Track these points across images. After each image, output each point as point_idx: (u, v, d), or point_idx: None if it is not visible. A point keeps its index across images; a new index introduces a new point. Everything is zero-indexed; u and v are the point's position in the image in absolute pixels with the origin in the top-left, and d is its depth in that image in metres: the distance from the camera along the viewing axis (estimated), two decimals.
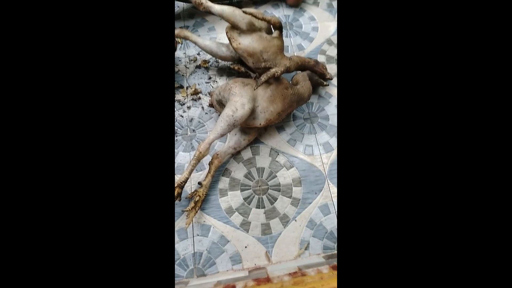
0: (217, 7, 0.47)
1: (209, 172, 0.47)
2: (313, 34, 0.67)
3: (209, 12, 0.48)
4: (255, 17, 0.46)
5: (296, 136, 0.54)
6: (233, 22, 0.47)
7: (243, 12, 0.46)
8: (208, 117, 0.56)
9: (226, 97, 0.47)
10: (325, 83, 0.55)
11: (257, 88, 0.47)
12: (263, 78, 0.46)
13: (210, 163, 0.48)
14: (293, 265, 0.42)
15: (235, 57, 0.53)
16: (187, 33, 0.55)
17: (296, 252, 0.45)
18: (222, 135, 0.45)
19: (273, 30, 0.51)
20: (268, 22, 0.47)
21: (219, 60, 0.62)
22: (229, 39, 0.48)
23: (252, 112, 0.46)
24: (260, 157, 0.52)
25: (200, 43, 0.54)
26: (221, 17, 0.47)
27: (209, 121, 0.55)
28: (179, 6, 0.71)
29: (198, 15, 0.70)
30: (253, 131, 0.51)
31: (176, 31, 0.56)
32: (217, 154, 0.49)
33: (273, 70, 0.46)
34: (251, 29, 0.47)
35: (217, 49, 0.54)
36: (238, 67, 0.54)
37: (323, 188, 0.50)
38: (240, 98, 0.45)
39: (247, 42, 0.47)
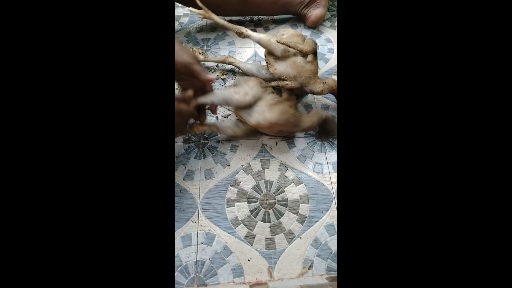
0: (255, 35, 0.52)
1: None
2: (329, 56, 0.70)
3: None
4: (288, 46, 0.49)
5: (306, 153, 0.55)
6: (269, 50, 0.51)
7: (277, 41, 0.49)
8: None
9: (240, 83, 0.50)
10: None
11: (266, 87, 0.48)
12: (273, 83, 0.49)
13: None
14: (295, 284, 0.41)
15: (274, 79, 0.56)
16: (231, 59, 0.61)
17: (299, 271, 0.44)
18: (212, 103, 0.48)
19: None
20: (300, 51, 0.50)
21: (236, 73, 0.65)
22: (266, 63, 0.51)
23: (250, 108, 0.48)
24: (269, 171, 0.53)
25: (243, 67, 0.59)
26: (259, 44, 0.51)
27: None
28: (202, 19, 0.75)
29: (220, 30, 0.74)
30: (245, 129, 0.52)
31: (222, 58, 0.62)
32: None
33: (287, 82, 0.48)
34: (286, 55, 0.50)
35: (258, 72, 0.57)
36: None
37: (330, 207, 0.50)
38: (249, 89, 0.48)
39: (282, 68, 0.50)
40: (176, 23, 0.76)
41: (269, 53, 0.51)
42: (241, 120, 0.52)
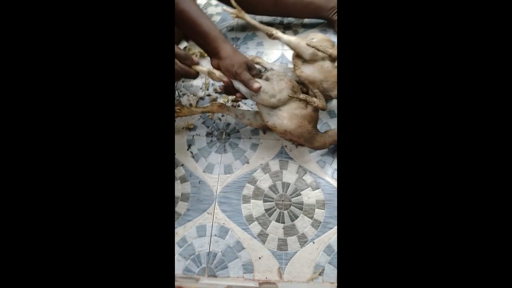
0: (285, 37, 0.52)
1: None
2: None
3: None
4: (318, 49, 0.49)
5: (326, 158, 0.54)
6: (298, 52, 0.51)
7: (307, 44, 0.49)
8: (243, 125, 0.58)
9: (271, 79, 0.49)
10: None
11: (294, 96, 0.48)
12: (302, 96, 0.48)
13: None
14: None
15: (300, 82, 0.56)
16: (259, 59, 0.61)
17: (309, 275, 0.44)
18: (238, 90, 0.48)
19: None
20: (329, 56, 0.50)
21: (263, 72, 0.66)
22: (294, 66, 0.52)
23: (272, 109, 0.48)
24: (287, 172, 0.53)
25: (269, 68, 0.59)
26: (288, 46, 0.52)
27: (243, 129, 0.58)
28: (234, 19, 0.77)
29: (250, 30, 0.75)
30: (261, 123, 0.52)
31: (250, 58, 0.62)
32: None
33: (316, 100, 0.48)
34: (314, 59, 0.50)
35: (284, 73, 0.57)
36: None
37: None
38: (278, 92, 0.47)
39: (309, 71, 0.50)
40: None
41: (297, 55, 0.52)
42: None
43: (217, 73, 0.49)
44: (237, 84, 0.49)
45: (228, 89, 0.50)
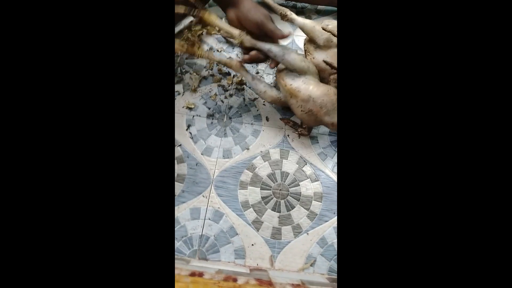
0: (299, 20, 0.49)
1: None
2: None
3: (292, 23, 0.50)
4: (334, 35, 0.46)
5: (328, 151, 0.53)
6: (311, 37, 0.48)
7: (323, 29, 0.46)
8: (246, 109, 0.56)
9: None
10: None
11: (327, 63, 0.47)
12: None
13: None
14: (296, 277, 0.41)
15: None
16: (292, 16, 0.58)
17: (301, 265, 0.44)
18: (269, 51, 0.45)
19: None
20: None
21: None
22: (305, 51, 0.49)
23: (298, 74, 0.47)
24: (288, 162, 0.52)
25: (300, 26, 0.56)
26: (302, 30, 0.49)
27: (246, 113, 0.56)
28: None
29: None
30: (274, 96, 0.50)
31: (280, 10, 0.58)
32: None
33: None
34: (328, 45, 0.48)
35: None
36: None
37: None
38: (307, 59, 0.47)
39: (321, 58, 0.48)
40: None
41: (310, 40, 0.49)
42: (275, 86, 0.50)
43: (237, 32, 0.45)
44: (267, 46, 0.45)
45: (256, 58, 0.47)
